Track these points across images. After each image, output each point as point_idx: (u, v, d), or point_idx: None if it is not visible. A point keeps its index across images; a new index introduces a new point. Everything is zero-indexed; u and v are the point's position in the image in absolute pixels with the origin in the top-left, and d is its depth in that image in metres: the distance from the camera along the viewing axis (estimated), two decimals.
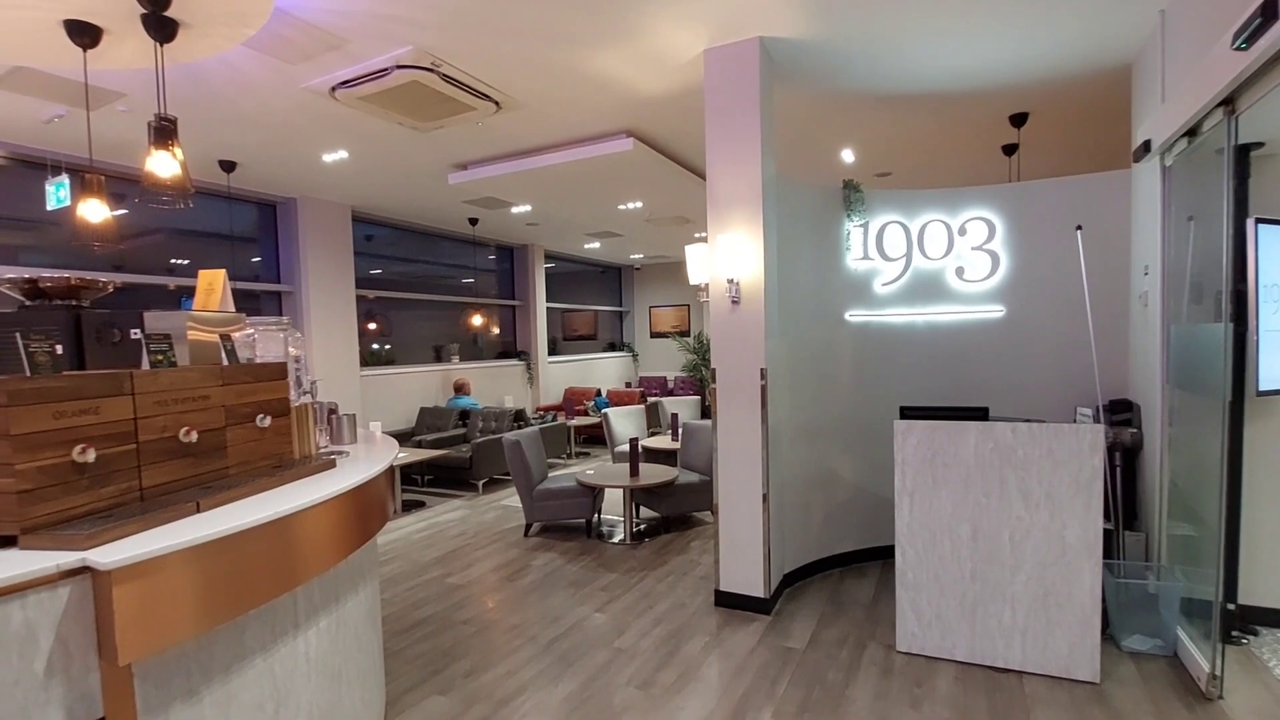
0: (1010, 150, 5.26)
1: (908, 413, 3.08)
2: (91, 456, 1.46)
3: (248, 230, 6.47)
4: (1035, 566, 2.81)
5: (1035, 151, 5.33)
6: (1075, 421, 3.76)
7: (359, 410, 6.02)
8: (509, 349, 9.93)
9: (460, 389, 8.18)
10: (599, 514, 5.28)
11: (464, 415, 7.63)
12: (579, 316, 11.90)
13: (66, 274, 1.80)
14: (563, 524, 5.38)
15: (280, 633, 1.80)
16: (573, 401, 9.24)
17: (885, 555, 4.23)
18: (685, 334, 12.19)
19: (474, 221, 7.83)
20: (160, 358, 1.73)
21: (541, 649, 3.25)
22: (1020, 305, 4.05)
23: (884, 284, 4.23)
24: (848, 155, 5.46)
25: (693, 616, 3.57)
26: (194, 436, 1.73)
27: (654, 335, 12.71)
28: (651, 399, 9.68)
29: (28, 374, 1.45)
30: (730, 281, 3.44)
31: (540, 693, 2.85)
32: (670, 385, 11.79)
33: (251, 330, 2.22)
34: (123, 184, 5.15)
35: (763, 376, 3.45)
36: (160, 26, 2.56)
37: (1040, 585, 2.81)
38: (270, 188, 6.13)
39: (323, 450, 2.42)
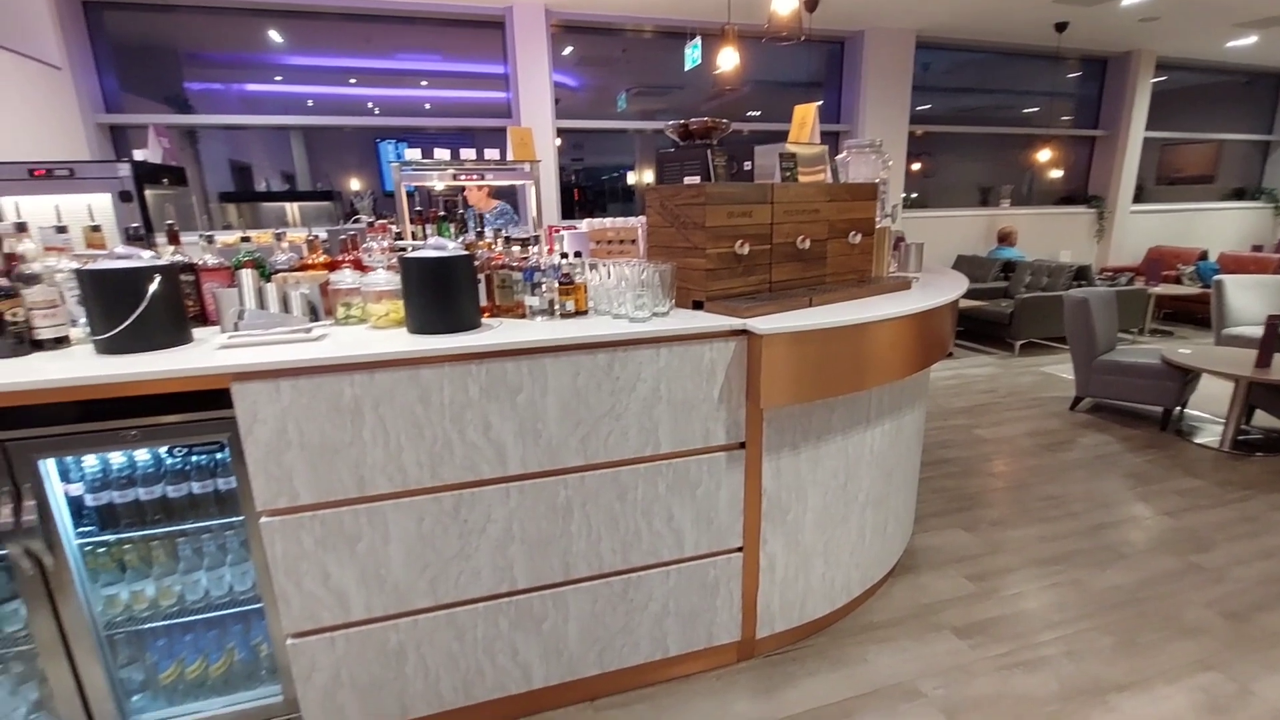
0: None
1: None
2: (746, 250, 1.89)
3: (814, 76, 6.86)
4: None
5: None
6: None
7: None
8: (1075, 194, 8.19)
9: (1005, 238, 7.31)
10: (1183, 406, 4.17)
11: (1007, 267, 6.86)
12: (1191, 151, 8.76)
13: (705, 120, 2.26)
14: (1124, 407, 4.48)
15: (855, 422, 2.09)
16: (1158, 264, 7.15)
17: None
18: None
19: (1061, 27, 6.35)
20: (788, 174, 2.04)
21: (1084, 529, 2.92)
22: None
23: None
24: None
25: None
26: (806, 244, 2.03)
27: None
28: None
29: (713, 182, 1.92)
30: None
31: (1079, 570, 2.60)
32: None
33: (845, 153, 2.39)
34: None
35: None
36: None
37: None
38: (842, 23, 6.24)
39: (891, 274, 2.53)
